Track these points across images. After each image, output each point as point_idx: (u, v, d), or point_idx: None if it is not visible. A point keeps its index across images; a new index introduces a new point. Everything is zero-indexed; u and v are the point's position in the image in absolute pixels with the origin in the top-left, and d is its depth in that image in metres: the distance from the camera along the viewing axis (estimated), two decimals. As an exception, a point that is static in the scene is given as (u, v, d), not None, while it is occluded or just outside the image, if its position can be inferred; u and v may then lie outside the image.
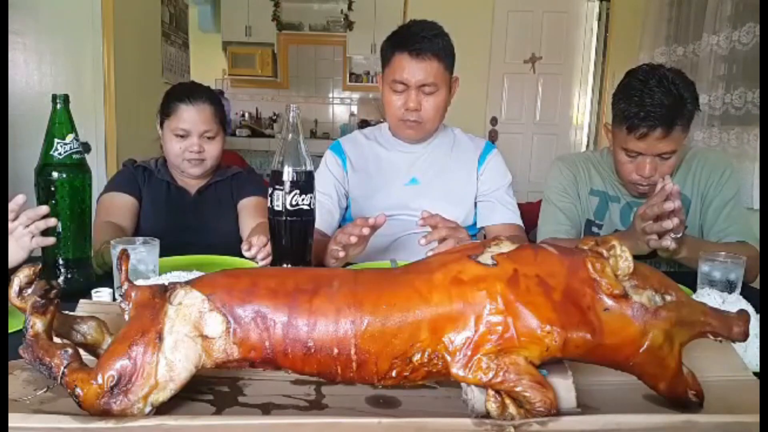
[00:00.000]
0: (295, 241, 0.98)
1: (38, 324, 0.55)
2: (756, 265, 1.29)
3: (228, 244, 1.34)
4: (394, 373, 0.55)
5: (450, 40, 1.39)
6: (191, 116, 1.46)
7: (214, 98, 1.53)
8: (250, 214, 1.52)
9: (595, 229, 1.48)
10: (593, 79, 4.34)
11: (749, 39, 2.47)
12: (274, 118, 5.71)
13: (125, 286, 0.58)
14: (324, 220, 1.39)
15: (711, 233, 1.38)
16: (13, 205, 0.98)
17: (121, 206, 1.46)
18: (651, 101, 1.21)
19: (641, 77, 1.26)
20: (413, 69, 1.35)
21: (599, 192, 1.49)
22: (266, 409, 0.58)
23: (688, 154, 1.42)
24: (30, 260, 0.97)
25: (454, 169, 1.50)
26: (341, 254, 1.16)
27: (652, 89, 1.22)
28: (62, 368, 0.53)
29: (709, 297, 0.85)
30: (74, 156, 1.00)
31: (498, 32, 4.22)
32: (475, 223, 1.52)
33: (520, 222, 1.50)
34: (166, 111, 1.49)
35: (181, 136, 1.47)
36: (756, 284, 1.31)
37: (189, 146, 1.47)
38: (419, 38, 1.34)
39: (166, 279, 0.93)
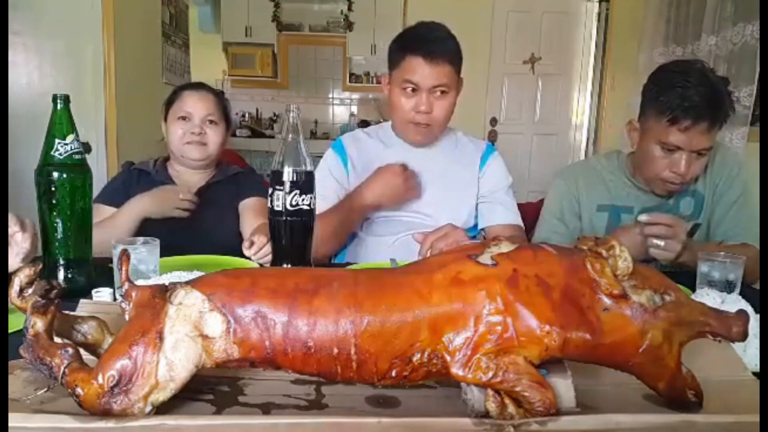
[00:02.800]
0: (295, 241, 0.98)
1: (39, 324, 0.55)
2: (757, 266, 1.28)
3: (228, 245, 1.34)
4: (394, 373, 0.55)
5: (458, 42, 1.40)
6: (195, 101, 1.51)
7: (218, 93, 1.59)
8: (251, 215, 1.52)
9: None
10: (593, 80, 4.34)
11: (738, 39, 2.48)
12: (274, 118, 5.70)
13: (126, 286, 0.58)
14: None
15: (717, 233, 1.37)
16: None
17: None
18: (695, 92, 1.20)
19: (679, 69, 1.24)
20: (427, 72, 1.34)
21: (607, 206, 1.44)
22: (266, 408, 0.58)
23: None
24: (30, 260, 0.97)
25: (455, 170, 1.50)
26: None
27: (694, 82, 1.21)
28: (63, 368, 0.53)
29: (708, 297, 0.85)
30: (75, 156, 1.00)
31: (498, 32, 4.23)
32: (476, 225, 1.52)
33: (520, 223, 1.50)
34: (170, 99, 1.54)
35: (184, 119, 1.50)
36: (756, 284, 1.30)
37: (191, 128, 1.49)
38: (432, 41, 1.34)
39: (166, 279, 0.93)
